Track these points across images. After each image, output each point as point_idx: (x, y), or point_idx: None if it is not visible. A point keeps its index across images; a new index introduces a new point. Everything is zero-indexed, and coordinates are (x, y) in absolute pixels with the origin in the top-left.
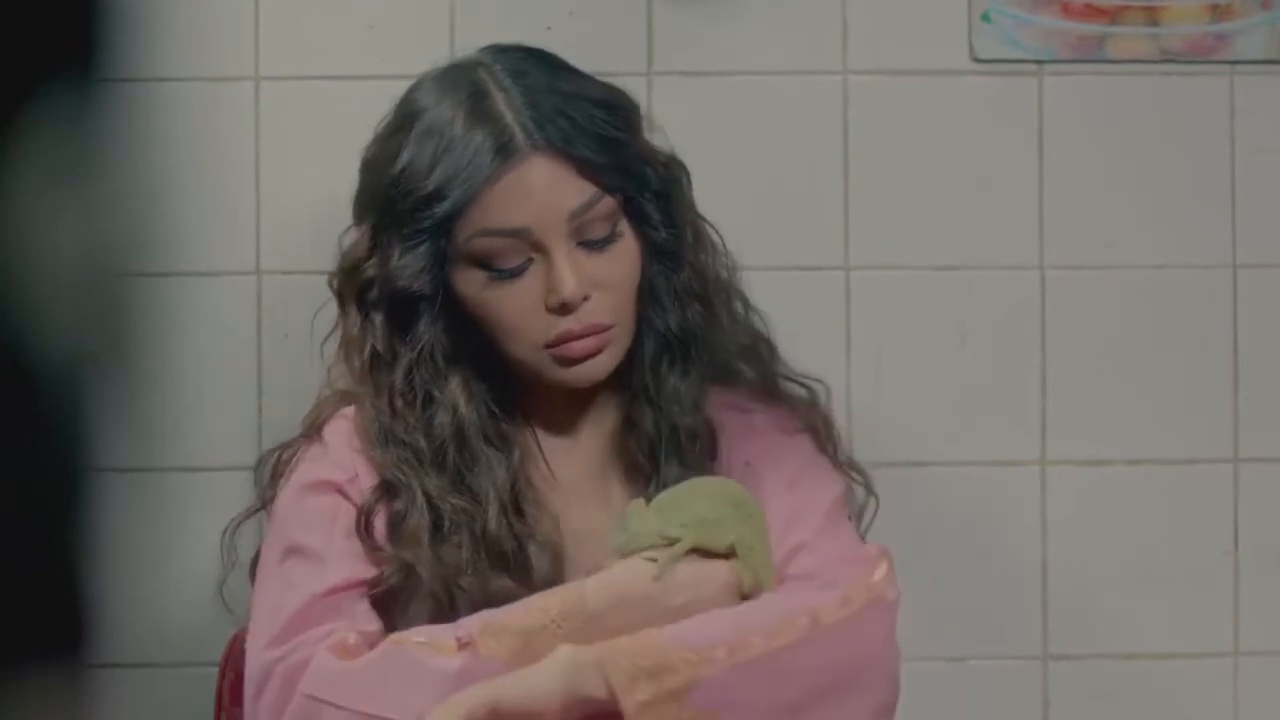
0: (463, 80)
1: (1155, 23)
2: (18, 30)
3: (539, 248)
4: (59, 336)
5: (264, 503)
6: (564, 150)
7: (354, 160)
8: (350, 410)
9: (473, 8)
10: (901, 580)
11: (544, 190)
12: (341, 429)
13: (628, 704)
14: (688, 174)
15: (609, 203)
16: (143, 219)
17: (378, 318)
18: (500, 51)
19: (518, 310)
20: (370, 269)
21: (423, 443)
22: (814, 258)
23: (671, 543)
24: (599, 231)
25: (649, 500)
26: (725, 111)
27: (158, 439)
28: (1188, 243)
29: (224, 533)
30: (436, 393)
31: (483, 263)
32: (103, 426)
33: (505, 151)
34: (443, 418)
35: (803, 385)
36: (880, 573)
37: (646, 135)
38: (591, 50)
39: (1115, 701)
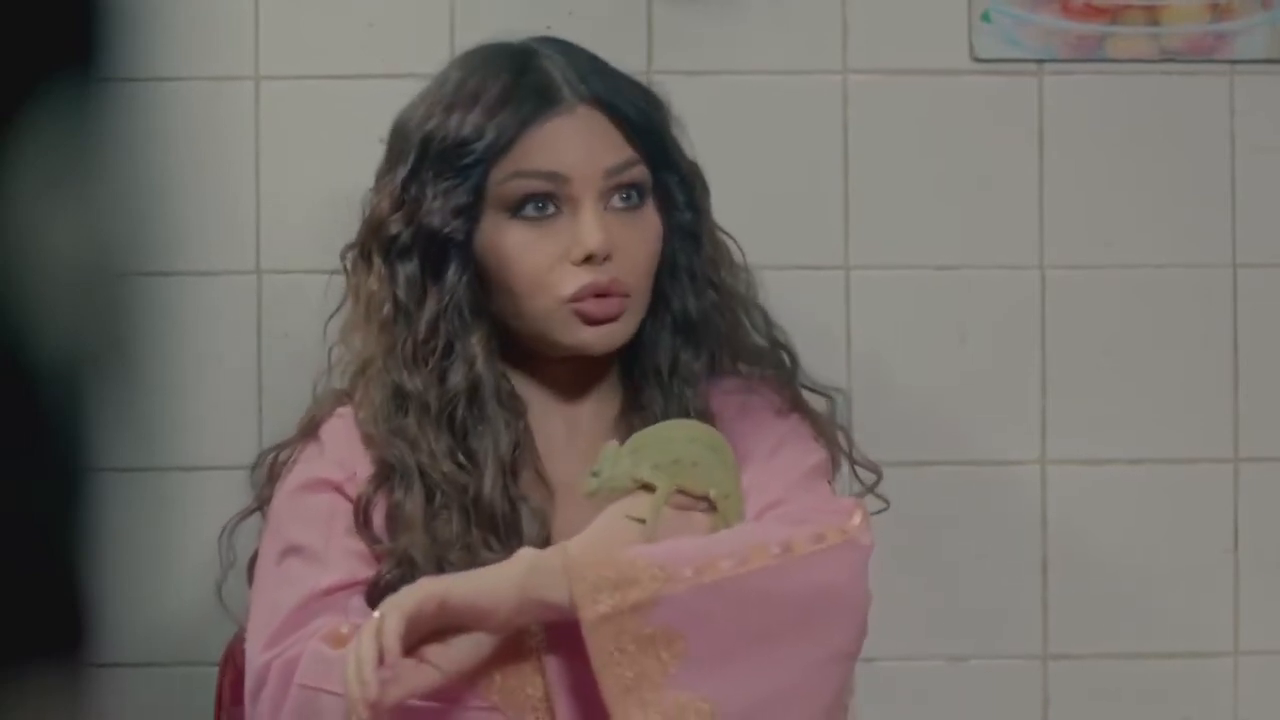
0: (509, 47)
1: (1155, 22)
2: (18, 30)
3: (570, 199)
4: (59, 336)
5: (260, 504)
6: (608, 105)
7: (354, 160)
8: (346, 409)
9: (473, 8)
10: (902, 579)
11: (585, 140)
12: (338, 428)
13: (587, 614)
14: (707, 187)
15: (642, 170)
16: (143, 219)
17: (404, 267)
18: (543, 37)
19: (542, 262)
20: (397, 222)
21: (433, 397)
22: (814, 257)
23: (645, 487)
24: (628, 198)
25: (622, 443)
26: (725, 111)
27: (158, 439)
28: (1188, 242)
29: (221, 534)
30: (458, 344)
31: (512, 208)
32: (103, 426)
33: (552, 99)
34: (459, 373)
35: (822, 394)
36: (856, 519)
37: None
38: (591, 50)
39: (1115, 701)
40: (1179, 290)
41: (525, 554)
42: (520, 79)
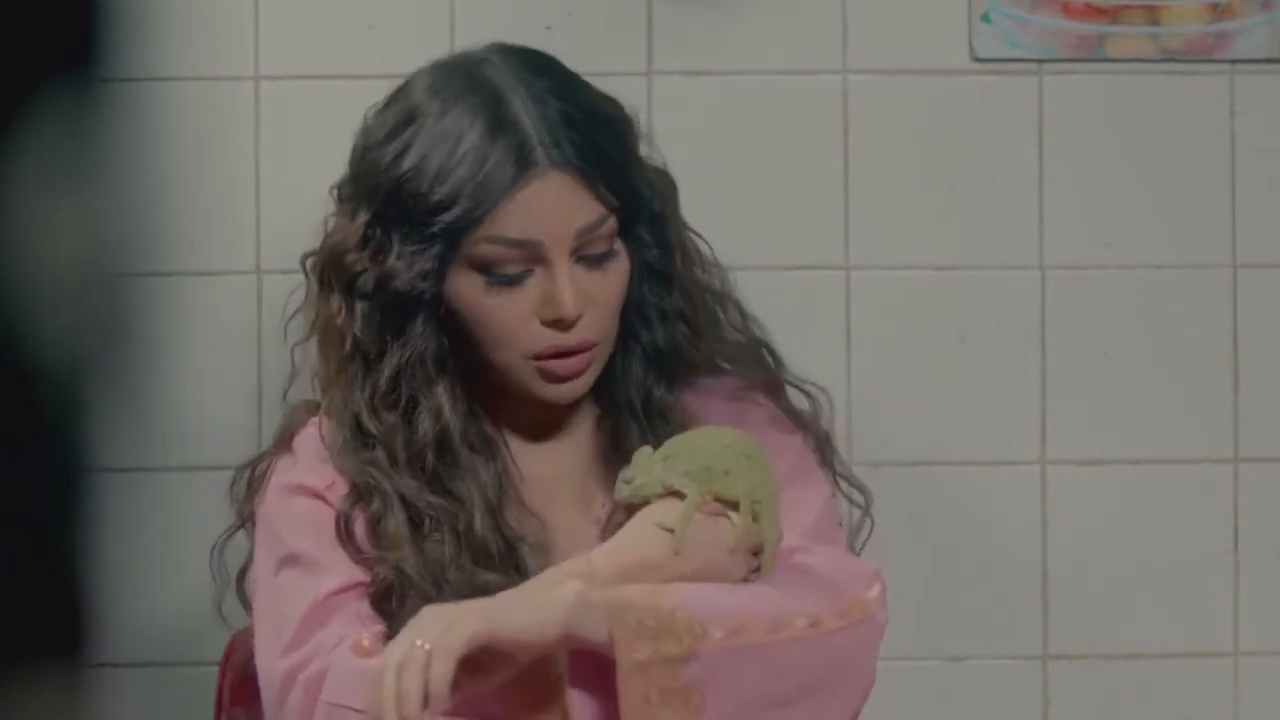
0: (478, 81)
1: (1155, 22)
2: (18, 30)
3: (542, 260)
4: (59, 336)
5: (243, 519)
6: (579, 168)
7: None
8: (320, 419)
9: (473, 8)
10: (901, 580)
11: (558, 206)
12: (312, 437)
13: (624, 660)
14: (675, 187)
15: (612, 223)
16: (143, 219)
17: (363, 310)
18: (508, 53)
19: (512, 319)
20: (361, 261)
21: (399, 446)
22: (814, 258)
23: (676, 493)
24: (598, 249)
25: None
26: (725, 111)
27: (158, 439)
28: (1188, 243)
29: (211, 552)
30: (422, 399)
31: (484, 268)
32: (102, 426)
33: (526, 164)
34: (426, 423)
35: (805, 391)
36: (874, 592)
37: (642, 150)
38: (591, 50)
39: (1115, 701)
40: (1179, 290)
41: (569, 589)
42: (494, 138)
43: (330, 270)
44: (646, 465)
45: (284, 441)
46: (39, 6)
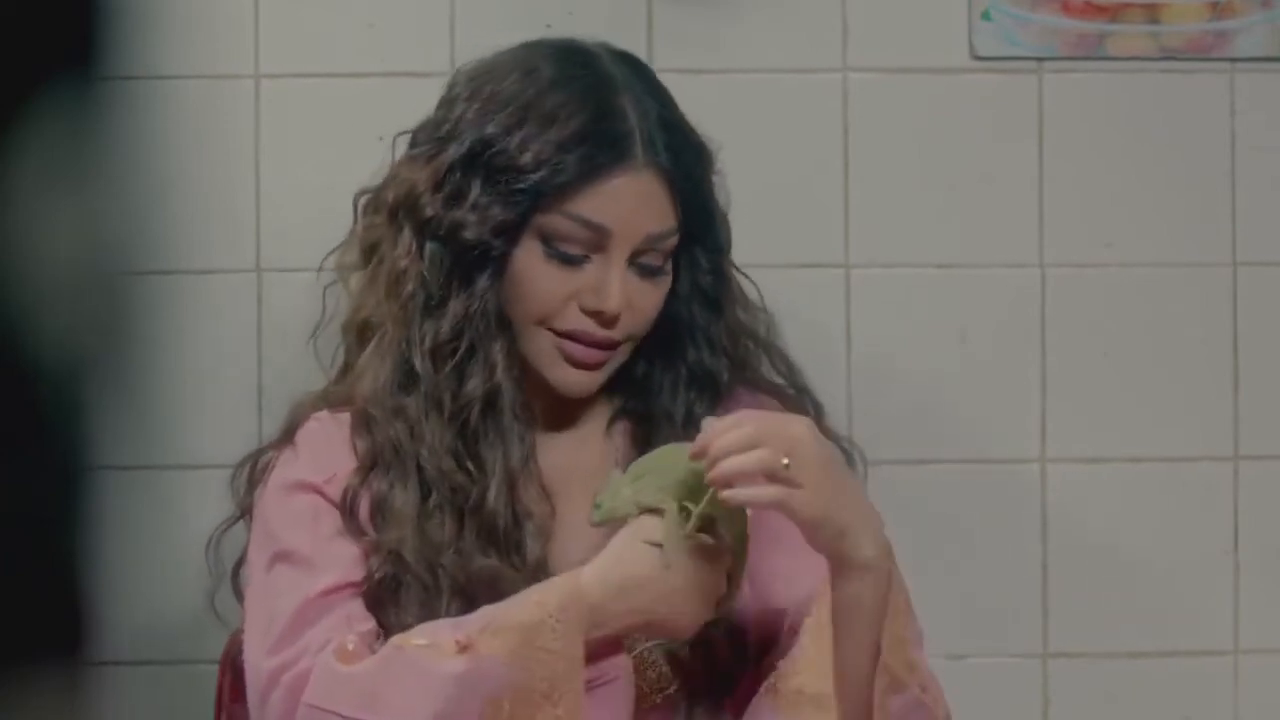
0: (594, 67)
1: (1155, 20)
2: (18, 30)
3: (604, 250)
4: (59, 335)
5: (243, 511)
6: (669, 173)
7: (354, 160)
8: (323, 414)
9: (473, 7)
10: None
11: (640, 204)
12: (314, 430)
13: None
14: (730, 232)
15: (674, 241)
16: (143, 219)
17: (432, 251)
18: (615, 51)
19: (557, 295)
20: (434, 204)
21: (447, 397)
22: (814, 256)
23: (651, 511)
24: (654, 261)
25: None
26: (725, 109)
27: (157, 437)
28: (1188, 241)
29: (207, 545)
30: (481, 350)
31: (547, 239)
32: (102, 425)
33: (625, 154)
34: (478, 378)
35: (840, 448)
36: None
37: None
38: None
39: (1115, 699)
40: (1179, 289)
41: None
42: (598, 122)
43: (402, 208)
44: (615, 488)
45: (286, 435)
46: (39, 6)
